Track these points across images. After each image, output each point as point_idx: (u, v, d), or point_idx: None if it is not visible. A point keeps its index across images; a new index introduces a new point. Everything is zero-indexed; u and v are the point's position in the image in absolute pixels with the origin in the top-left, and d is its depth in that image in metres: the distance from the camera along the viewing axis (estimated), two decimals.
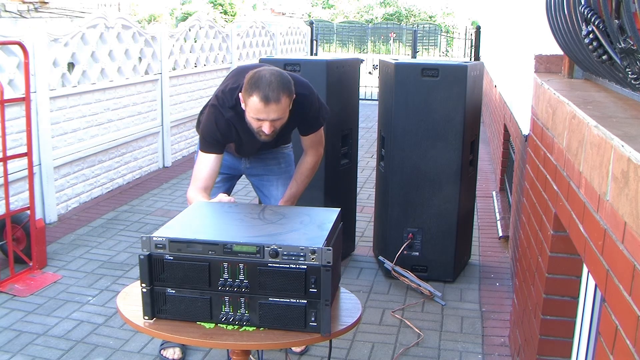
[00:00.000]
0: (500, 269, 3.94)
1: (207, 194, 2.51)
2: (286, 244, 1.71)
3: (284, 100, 2.31)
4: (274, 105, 2.29)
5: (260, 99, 2.27)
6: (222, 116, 2.53)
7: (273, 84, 2.28)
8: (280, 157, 2.95)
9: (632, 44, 1.39)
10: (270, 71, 2.33)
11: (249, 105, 2.34)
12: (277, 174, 2.94)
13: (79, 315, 3.25)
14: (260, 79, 2.29)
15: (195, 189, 2.51)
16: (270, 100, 2.27)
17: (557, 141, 2.07)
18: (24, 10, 11.79)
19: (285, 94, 2.31)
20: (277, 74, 2.32)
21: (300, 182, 2.80)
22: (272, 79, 2.29)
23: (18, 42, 3.76)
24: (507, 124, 5.21)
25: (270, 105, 2.28)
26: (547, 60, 2.93)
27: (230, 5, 26.76)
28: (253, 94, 2.29)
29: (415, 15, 31.17)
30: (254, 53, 8.99)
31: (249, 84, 2.31)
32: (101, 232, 4.49)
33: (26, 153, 3.68)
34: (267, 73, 2.31)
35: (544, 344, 2.20)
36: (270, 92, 2.27)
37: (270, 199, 2.94)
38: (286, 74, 2.37)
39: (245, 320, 1.75)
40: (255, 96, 2.28)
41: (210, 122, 2.56)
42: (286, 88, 2.31)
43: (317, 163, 2.84)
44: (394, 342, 3.04)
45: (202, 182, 2.52)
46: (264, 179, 2.96)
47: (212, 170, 2.55)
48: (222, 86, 2.62)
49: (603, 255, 1.42)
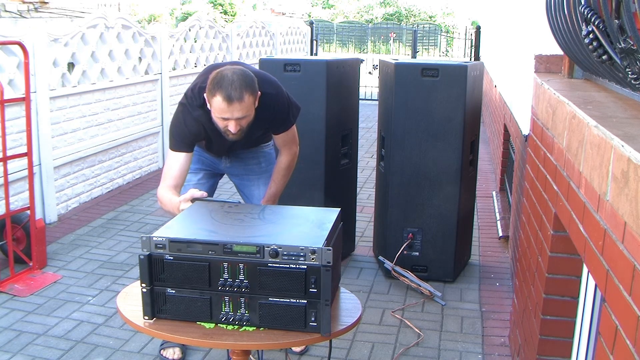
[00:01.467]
0: (500, 269, 3.94)
1: (177, 191, 2.51)
2: (286, 244, 1.71)
3: (247, 99, 2.32)
4: (237, 104, 2.30)
5: (223, 98, 2.28)
6: (190, 115, 2.54)
7: (235, 82, 2.29)
8: (261, 157, 2.94)
9: (632, 44, 1.39)
10: (233, 70, 2.34)
11: (213, 106, 2.36)
12: (257, 173, 2.94)
13: (79, 315, 3.25)
14: (223, 79, 2.30)
15: (165, 186, 2.51)
16: (233, 99, 2.28)
17: (557, 141, 2.07)
18: (24, 10, 11.79)
19: (248, 92, 2.32)
20: (239, 73, 2.33)
21: (278, 181, 2.82)
22: (234, 78, 2.30)
23: (18, 42, 3.76)
24: (507, 124, 5.21)
25: (234, 104, 2.29)
26: (547, 60, 2.93)
27: (230, 5, 26.75)
28: (216, 94, 2.30)
29: (415, 15, 31.16)
30: (254, 53, 8.99)
31: (211, 84, 2.32)
32: (101, 232, 4.49)
33: (26, 153, 3.68)
34: (229, 72, 2.32)
35: (544, 344, 2.20)
36: (233, 91, 2.28)
37: (252, 199, 2.94)
38: (250, 73, 2.38)
39: (245, 320, 1.75)
40: (219, 96, 2.30)
41: (179, 120, 2.57)
42: (249, 86, 2.32)
43: (293, 162, 2.84)
44: (394, 342, 3.04)
45: (172, 181, 2.53)
46: (244, 179, 2.96)
47: (182, 169, 2.56)
48: (192, 85, 2.63)
49: (603, 255, 1.42)
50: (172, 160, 2.57)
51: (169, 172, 2.55)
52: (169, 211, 2.48)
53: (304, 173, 3.72)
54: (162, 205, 2.53)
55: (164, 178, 2.56)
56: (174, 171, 2.54)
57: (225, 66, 2.42)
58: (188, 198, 2.26)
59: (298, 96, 3.63)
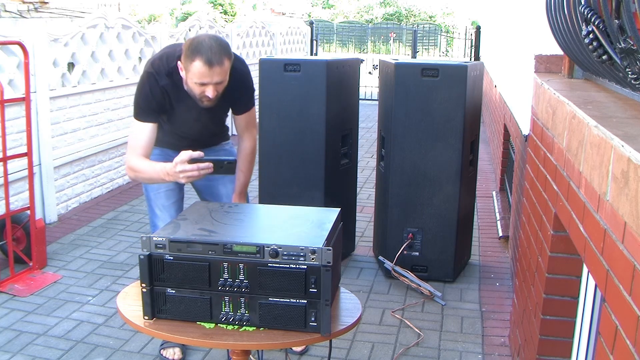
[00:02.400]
0: (500, 269, 3.94)
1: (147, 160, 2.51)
2: (286, 244, 1.70)
3: (226, 63, 2.35)
4: (218, 68, 2.32)
5: (203, 62, 2.29)
6: (157, 84, 2.51)
7: (214, 47, 2.31)
8: (222, 154, 2.91)
9: (632, 44, 1.39)
10: (209, 36, 2.38)
11: (191, 71, 2.35)
12: None
13: (79, 315, 3.25)
14: (201, 44, 2.32)
15: (135, 156, 2.48)
16: (214, 63, 2.30)
17: (557, 141, 2.07)
18: (24, 10, 11.79)
19: (226, 57, 2.35)
20: (215, 39, 2.36)
21: (246, 169, 2.82)
22: (212, 43, 2.32)
23: (18, 42, 3.76)
24: (507, 124, 5.21)
25: (214, 68, 2.31)
26: (547, 60, 2.93)
27: (230, 5, 26.75)
28: (195, 59, 2.31)
29: (415, 15, 31.17)
30: (254, 53, 8.99)
31: (189, 49, 2.33)
32: (101, 232, 4.49)
33: (26, 153, 3.68)
34: (206, 38, 2.35)
35: (544, 344, 2.20)
36: (213, 56, 2.29)
37: (221, 198, 2.90)
38: (224, 39, 2.42)
39: (245, 320, 1.75)
40: (198, 60, 2.30)
41: (145, 89, 2.53)
42: (226, 51, 2.36)
43: (255, 147, 2.86)
44: (394, 342, 3.04)
45: (142, 150, 2.50)
46: (210, 179, 2.86)
47: (150, 139, 2.53)
48: (158, 55, 2.61)
49: (603, 255, 1.42)
50: (139, 130, 2.53)
51: (138, 142, 2.51)
52: (148, 179, 2.48)
53: (304, 173, 3.72)
54: (137, 174, 2.49)
55: (133, 148, 2.51)
56: (142, 141, 2.51)
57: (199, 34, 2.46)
58: (185, 159, 2.21)
59: (298, 96, 3.66)
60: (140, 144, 2.50)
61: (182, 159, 2.22)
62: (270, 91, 3.71)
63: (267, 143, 3.79)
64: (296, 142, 3.71)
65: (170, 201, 2.82)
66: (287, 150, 3.73)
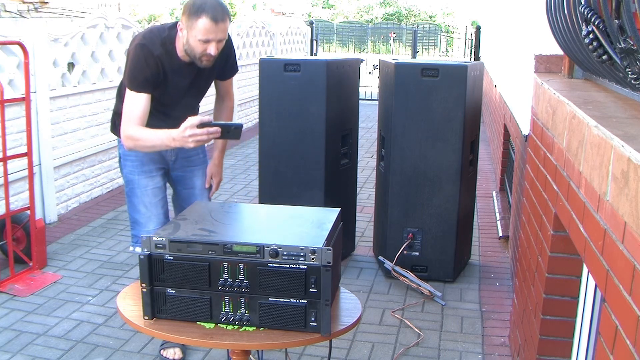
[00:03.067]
0: (500, 269, 3.94)
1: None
2: (286, 244, 1.71)
3: (227, 21, 2.49)
4: (222, 25, 2.45)
5: (210, 19, 2.41)
6: (151, 54, 2.56)
7: (217, 6, 2.45)
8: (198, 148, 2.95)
9: (632, 44, 1.39)
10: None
11: (196, 28, 2.45)
12: (197, 164, 2.98)
13: (79, 315, 3.25)
14: (205, 2, 2.44)
15: (133, 125, 2.54)
16: (219, 19, 2.43)
17: (557, 141, 2.07)
18: (24, 10, 11.79)
19: (227, 16, 2.50)
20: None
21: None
22: (214, 1, 2.46)
23: (18, 42, 3.76)
24: (507, 124, 5.21)
25: (219, 24, 2.44)
26: (547, 60, 2.93)
27: (230, 5, 26.76)
28: (201, 16, 2.42)
29: (415, 15, 31.17)
30: (254, 53, 8.99)
31: (194, 8, 2.45)
32: (101, 232, 4.49)
33: (26, 153, 3.68)
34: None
35: (544, 344, 2.20)
36: (218, 13, 2.43)
37: (195, 189, 2.95)
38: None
39: (245, 320, 1.75)
40: (204, 17, 2.42)
41: (139, 60, 2.57)
42: (227, 11, 2.51)
43: (233, 106, 3.04)
44: (394, 342, 3.04)
45: (139, 121, 2.55)
46: (186, 171, 2.94)
47: (145, 110, 2.58)
48: (146, 29, 2.70)
49: (603, 255, 1.42)
50: (135, 101, 2.57)
51: (135, 113, 2.55)
52: (150, 146, 2.53)
53: (304, 173, 3.72)
54: (137, 142, 2.54)
55: (130, 118, 2.55)
56: (139, 111, 2.56)
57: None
58: (195, 123, 2.29)
59: (298, 96, 3.66)
60: (137, 114, 2.55)
61: (191, 124, 2.29)
62: (270, 91, 3.71)
63: (267, 143, 3.79)
64: (296, 142, 3.71)
65: (157, 198, 2.84)
66: (287, 150, 3.73)
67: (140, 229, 2.81)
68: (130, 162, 2.80)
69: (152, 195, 2.82)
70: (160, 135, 2.44)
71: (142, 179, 2.79)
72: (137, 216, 2.83)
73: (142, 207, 2.81)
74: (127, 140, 2.56)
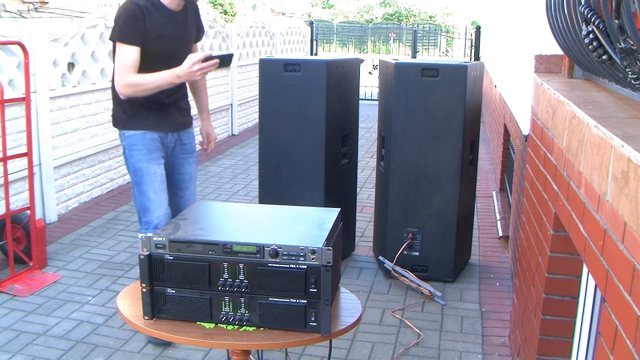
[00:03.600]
0: (500, 269, 3.94)
1: None
2: (286, 244, 1.70)
3: None
4: None
5: None
6: (138, 7, 2.72)
7: None
8: (191, 136, 3.16)
9: (632, 44, 1.39)
10: None
11: None
12: (190, 152, 3.16)
13: (79, 315, 3.25)
14: None
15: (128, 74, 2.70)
16: None
17: (557, 141, 2.07)
18: (24, 10, 11.78)
19: None
20: None
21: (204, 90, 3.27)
22: None
23: (18, 42, 3.76)
24: (507, 124, 5.21)
25: None
26: (547, 60, 2.93)
27: (230, 5, 26.73)
28: None
29: (415, 15, 31.17)
30: (254, 53, 8.99)
31: None
32: (101, 232, 4.49)
33: (26, 153, 3.68)
34: None
35: (544, 344, 2.20)
36: None
37: (185, 175, 3.11)
38: None
39: (245, 320, 1.75)
40: None
41: (128, 12, 2.73)
42: None
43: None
44: (394, 342, 3.04)
45: (133, 69, 2.72)
46: (180, 158, 3.10)
47: (137, 60, 2.75)
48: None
49: (603, 255, 1.42)
50: (128, 52, 2.73)
51: (129, 63, 2.72)
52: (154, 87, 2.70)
53: (304, 173, 3.72)
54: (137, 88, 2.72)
55: (125, 68, 2.72)
56: (132, 61, 2.72)
57: None
58: (201, 58, 2.58)
59: (298, 96, 3.66)
60: (132, 63, 2.71)
61: (198, 59, 2.59)
62: (270, 91, 3.71)
63: (267, 143, 3.79)
64: (296, 142, 3.71)
65: (164, 185, 2.95)
66: (287, 150, 3.73)
67: (151, 215, 2.89)
68: (138, 151, 2.89)
69: (160, 181, 2.92)
70: (163, 74, 2.64)
71: (151, 166, 2.89)
72: (148, 203, 2.90)
73: (152, 193, 2.89)
74: (125, 87, 2.71)
